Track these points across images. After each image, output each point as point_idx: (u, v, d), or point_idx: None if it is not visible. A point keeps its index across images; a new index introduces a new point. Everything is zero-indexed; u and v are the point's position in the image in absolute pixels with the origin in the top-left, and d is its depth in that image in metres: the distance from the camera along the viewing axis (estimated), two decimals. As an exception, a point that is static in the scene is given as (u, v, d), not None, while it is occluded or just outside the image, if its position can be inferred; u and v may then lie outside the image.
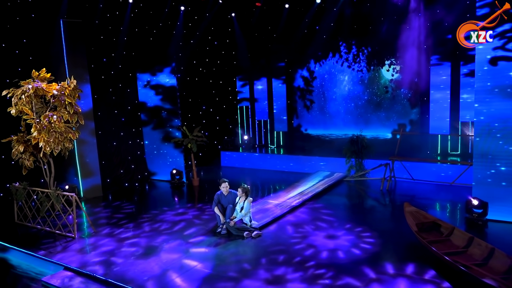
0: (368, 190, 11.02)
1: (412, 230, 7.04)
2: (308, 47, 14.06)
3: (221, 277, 6.12)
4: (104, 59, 11.85)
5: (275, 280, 5.96)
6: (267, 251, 7.04)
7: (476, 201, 7.89)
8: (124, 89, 12.45)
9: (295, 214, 9.05)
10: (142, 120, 12.94)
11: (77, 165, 10.94)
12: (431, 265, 6.16)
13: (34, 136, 8.44)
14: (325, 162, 12.80)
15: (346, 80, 13.67)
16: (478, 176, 8.11)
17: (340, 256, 6.70)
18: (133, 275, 6.34)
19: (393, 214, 9.20)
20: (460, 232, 6.82)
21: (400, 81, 12.73)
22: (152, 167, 13.09)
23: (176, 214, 9.37)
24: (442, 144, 12.12)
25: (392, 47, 12.56)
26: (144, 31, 12.56)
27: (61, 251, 7.45)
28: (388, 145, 12.70)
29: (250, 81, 15.66)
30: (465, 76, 11.55)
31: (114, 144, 12.21)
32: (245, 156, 14.49)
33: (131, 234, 8.11)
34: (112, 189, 11.82)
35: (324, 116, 14.29)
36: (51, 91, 8.77)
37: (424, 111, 12.37)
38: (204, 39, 14.72)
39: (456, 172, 10.49)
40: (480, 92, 7.96)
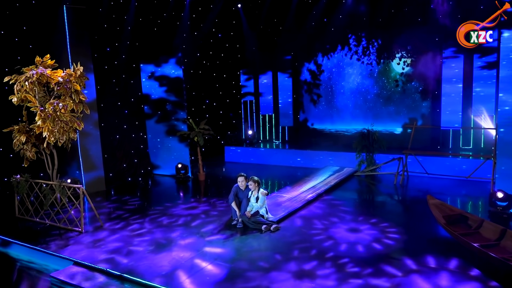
0: (381, 184, 10.74)
1: (440, 223, 6.76)
2: (315, 40, 13.77)
3: (248, 270, 5.77)
4: (107, 48, 11.43)
5: (306, 274, 5.62)
6: (289, 244, 6.70)
7: (501, 194, 7.64)
8: (127, 80, 12.03)
9: (310, 208, 8.73)
10: (145, 112, 12.52)
11: (79, 158, 10.49)
12: (469, 260, 5.87)
13: (39, 125, 8.01)
14: (334, 157, 12.50)
15: (355, 73, 13.40)
16: (502, 168, 7.87)
17: (369, 249, 6.39)
18: (151, 268, 5.96)
19: (412, 208, 8.90)
20: (491, 224, 6.54)
21: (411, 75, 12.49)
22: (155, 161, 12.67)
23: (186, 208, 8.98)
24: (453, 138, 11.90)
25: (403, 40, 12.31)
26: (148, 20, 12.15)
27: (68, 246, 7.03)
28: (398, 140, 12.46)
29: (255, 75, 15.31)
30: (481, 68, 11.33)
31: (117, 137, 11.78)
32: (250, 151, 14.14)
33: (139, 227, 7.72)
34: (115, 184, 11.38)
35: (332, 111, 14.00)
36: (56, 78, 8.34)
37: (435, 105, 12.13)
38: (208, 31, 14.35)
39: (471, 166, 10.26)
40: (505, 81, 7.70)
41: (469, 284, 5.20)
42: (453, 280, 5.33)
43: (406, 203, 9.40)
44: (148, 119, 12.53)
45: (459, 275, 5.46)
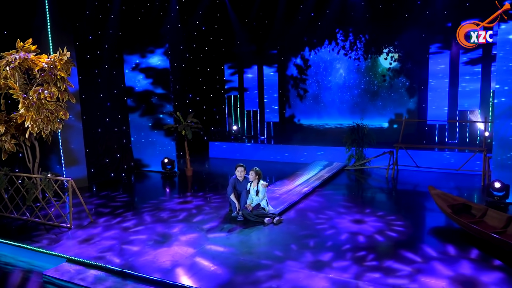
0: (373, 178, 10.73)
1: (446, 212, 6.74)
2: (302, 34, 13.66)
3: (257, 262, 5.50)
4: (90, 37, 10.82)
5: (321, 265, 5.41)
6: (296, 236, 6.48)
7: (499, 184, 7.74)
8: (110, 71, 11.45)
9: (308, 201, 8.56)
10: (128, 105, 11.97)
11: (60, 151, 9.86)
12: (486, 249, 5.85)
13: (21, 114, 7.42)
14: (322, 152, 12.41)
15: (342, 68, 13.38)
16: (498, 159, 7.98)
17: (377, 239, 6.27)
18: (154, 263, 5.57)
19: (410, 199, 8.90)
20: (495, 212, 6.58)
21: (398, 70, 12.60)
22: (139, 156, 12.14)
23: (180, 203, 8.60)
24: (439, 133, 12.10)
25: (391, 35, 12.41)
26: (132, 9, 11.62)
27: (58, 243, 6.51)
28: (385, 134, 12.52)
29: (240, 69, 15.04)
30: (465, 64, 11.56)
31: (99, 130, 11.18)
32: (236, 146, 13.84)
33: (135, 223, 7.29)
34: (97, 180, 10.79)
35: (319, 106, 13.93)
36: (40, 64, 7.77)
37: (422, 100, 12.29)
38: (192, 24, 13.95)
39: (459, 159, 10.43)
40: (501, 73, 7.81)
41: (491, 273, 5.16)
42: (473, 268, 5.27)
43: (403, 195, 9.36)
44: (132, 113, 12.00)
45: (480, 263, 5.41)
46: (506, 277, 4.98)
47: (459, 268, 5.24)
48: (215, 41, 14.90)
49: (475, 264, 5.37)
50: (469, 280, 4.93)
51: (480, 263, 5.38)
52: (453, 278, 4.99)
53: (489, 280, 4.91)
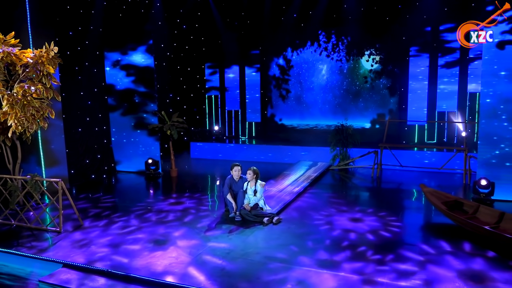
0: (358, 177, 10.89)
1: (441, 209, 6.93)
2: (285, 35, 13.70)
3: (267, 262, 5.43)
4: (70, 32, 10.36)
5: (330, 264, 5.42)
6: (299, 235, 6.47)
7: (485, 181, 8.06)
8: (90, 68, 11.01)
9: (301, 200, 8.57)
10: (109, 104, 11.56)
11: (40, 152, 9.37)
12: (479, 243, 6.06)
13: (5, 112, 6.99)
14: (305, 152, 12.49)
15: (324, 69, 13.54)
16: (483, 157, 8.31)
17: (382, 236, 6.36)
18: (156, 266, 5.38)
19: (400, 197, 9.16)
20: (487, 209, 6.85)
21: (379, 72, 12.89)
22: (120, 157, 11.73)
23: (171, 204, 8.38)
24: (419, 133, 12.49)
25: (372, 38, 12.68)
26: (113, 5, 11.23)
27: (50, 247, 6.18)
28: (367, 135, 12.76)
29: (221, 69, 14.89)
30: (441, 67, 12.00)
31: (80, 130, 10.72)
32: (219, 146, 13.68)
33: (127, 225, 7.03)
34: (77, 182, 10.34)
35: (301, 106, 14.02)
36: (23, 59, 7.35)
37: (402, 101, 12.63)
38: (173, 22, 13.68)
39: (440, 159, 10.79)
40: (486, 75, 8.14)
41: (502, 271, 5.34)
42: (462, 262, 5.45)
43: (393, 194, 9.52)
44: (112, 112, 11.59)
45: (492, 261, 5.60)
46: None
47: (469, 263, 5.41)
48: (196, 40, 14.68)
49: (488, 261, 5.53)
50: (478, 274, 5.09)
51: (493, 261, 5.54)
52: (462, 272, 5.14)
53: (498, 277, 5.09)
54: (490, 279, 4.96)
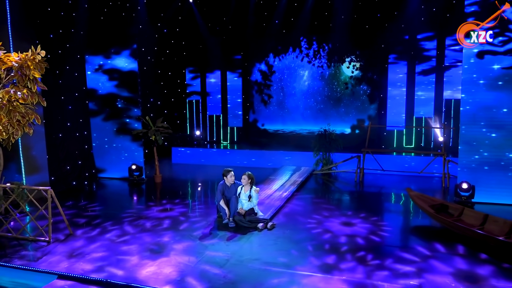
0: (341, 182, 11.10)
1: (428, 212, 7.19)
2: (267, 41, 13.83)
3: (269, 267, 5.47)
4: (51, 35, 10.06)
5: (331, 268, 5.52)
6: (295, 240, 6.54)
7: (466, 185, 8.43)
8: (71, 72, 10.72)
9: (291, 205, 8.67)
10: (90, 109, 11.29)
11: (20, 158, 9.03)
12: (472, 245, 6.33)
13: (-10, 117, 6.71)
14: (289, 157, 12.63)
15: (306, 75, 13.75)
16: (463, 162, 8.69)
17: (374, 240, 6.53)
18: (155, 276, 5.32)
19: (385, 200, 9.46)
20: (471, 211, 7.15)
21: (359, 78, 13.22)
22: (102, 163, 11.46)
23: (161, 211, 8.27)
24: (397, 138, 12.89)
25: (353, 45, 13.01)
26: (95, 8, 10.99)
27: (41, 258, 5.97)
28: (348, 139, 13.01)
29: (202, 74, 14.84)
30: (419, 74, 12.45)
31: (60, 135, 10.41)
32: (201, 152, 13.61)
33: (120, 233, 6.89)
34: (58, 189, 9.99)
35: (283, 111, 14.16)
36: (8, 62, 7.09)
37: (381, 106, 13.01)
38: (154, 26, 13.53)
39: (420, 163, 11.17)
40: (466, 83, 8.53)
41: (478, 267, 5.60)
42: (464, 263, 5.70)
43: (378, 197, 9.75)
44: (93, 117, 11.32)
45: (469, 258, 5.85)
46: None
47: (456, 264, 5.65)
48: (177, 45, 14.58)
49: (466, 259, 5.81)
50: (468, 274, 5.34)
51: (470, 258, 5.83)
52: (454, 273, 5.37)
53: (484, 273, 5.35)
54: (483, 279, 5.20)
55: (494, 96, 8.32)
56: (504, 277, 5.25)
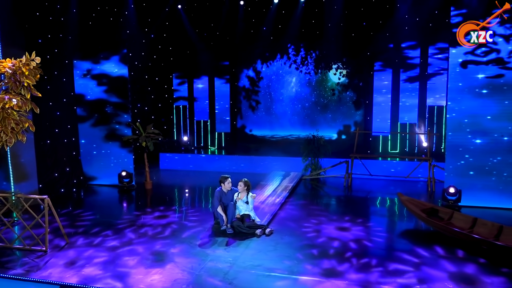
0: (330, 186, 11.31)
1: (420, 216, 7.44)
2: (255, 47, 13.96)
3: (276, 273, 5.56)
4: (39, 40, 9.90)
5: (336, 273, 5.65)
6: (295, 246, 6.65)
7: (453, 189, 8.75)
8: (59, 78, 10.56)
9: (285, 210, 8.79)
10: (78, 115, 11.12)
11: (9, 166, 8.81)
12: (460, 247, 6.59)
13: (-17, 125, 6.56)
14: (277, 162, 12.76)
15: (293, 81, 13.95)
16: (450, 167, 9.02)
17: (369, 245, 6.71)
18: (165, 284, 5.33)
19: (377, 205, 9.69)
20: (460, 215, 7.46)
21: (346, 85, 13.51)
22: (90, 169, 11.30)
23: (156, 218, 8.24)
24: (383, 143, 13.22)
25: (339, 52, 13.29)
26: (83, 13, 10.87)
27: (41, 269, 5.87)
28: (334, 145, 13.24)
29: (190, 79, 14.84)
30: (403, 82, 12.84)
31: (48, 142, 10.22)
32: (189, 157, 13.60)
33: (119, 242, 6.84)
34: (48, 196, 9.79)
35: (271, 117, 14.31)
36: (2, 69, 6.95)
37: (367, 113, 13.32)
38: (141, 31, 13.46)
39: (406, 168, 11.50)
40: (452, 91, 8.87)
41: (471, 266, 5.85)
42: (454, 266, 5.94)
43: (368, 202, 9.99)
44: (82, 123, 11.16)
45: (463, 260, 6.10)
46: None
47: (459, 267, 5.89)
48: (164, 50, 14.54)
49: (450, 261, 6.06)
50: (468, 277, 5.58)
51: (464, 260, 6.07)
52: (453, 274, 5.60)
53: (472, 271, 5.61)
54: (480, 282, 5.44)
55: (478, 104, 8.68)
56: (497, 276, 5.51)
